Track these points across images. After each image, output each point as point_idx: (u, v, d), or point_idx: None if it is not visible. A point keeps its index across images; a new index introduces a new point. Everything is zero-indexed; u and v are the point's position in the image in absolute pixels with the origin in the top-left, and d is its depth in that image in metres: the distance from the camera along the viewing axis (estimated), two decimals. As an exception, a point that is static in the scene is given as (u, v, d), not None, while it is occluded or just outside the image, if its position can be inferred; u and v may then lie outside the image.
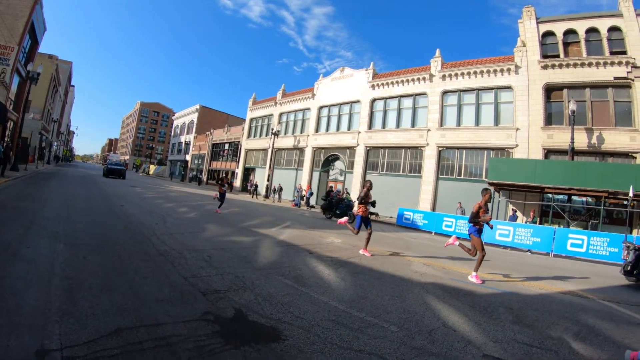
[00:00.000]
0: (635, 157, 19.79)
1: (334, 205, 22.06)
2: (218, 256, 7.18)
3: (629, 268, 9.94)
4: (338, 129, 35.69)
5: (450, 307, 5.63)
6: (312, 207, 31.59)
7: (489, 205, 8.85)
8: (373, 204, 10.50)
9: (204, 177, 59.74)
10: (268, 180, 39.51)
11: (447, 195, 25.51)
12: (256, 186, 38.91)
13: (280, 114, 43.75)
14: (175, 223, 11.05)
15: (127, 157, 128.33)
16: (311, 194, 32.33)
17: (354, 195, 27.02)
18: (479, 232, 8.30)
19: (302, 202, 31.56)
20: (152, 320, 3.66)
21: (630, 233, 18.06)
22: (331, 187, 27.55)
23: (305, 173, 37.60)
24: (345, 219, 10.52)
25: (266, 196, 37.75)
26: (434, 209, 25.73)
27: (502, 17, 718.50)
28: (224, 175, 17.81)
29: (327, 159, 36.52)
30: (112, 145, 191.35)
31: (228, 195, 17.97)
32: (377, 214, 24.44)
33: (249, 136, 49.17)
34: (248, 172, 47.95)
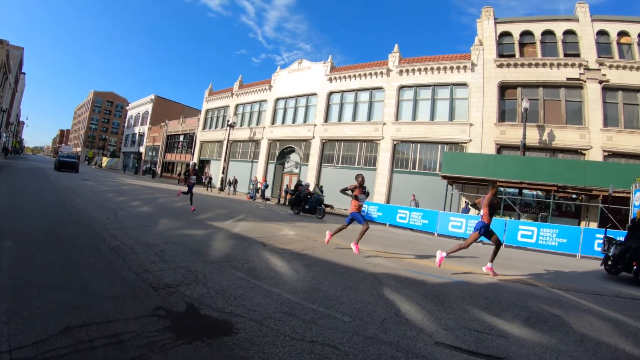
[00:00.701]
0: (585, 154, 20.92)
1: (303, 200, 21.19)
2: (170, 250, 7.05)
3: (609, 262, 10.35)
4: (294, 121, 35.65)
5: (403, 297, 5.73)
6: (268, 199, 31.57)
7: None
8: (367, 193, 10.37)
9: (158, 170, 58.31)
10: (223, 172, 39.14)
11: (402, 188, 26.04)
12: (210, 178, 38.52)
13: (237, 106, 43.22)
14: (127, 217, 10.74)
15: (79, 149, 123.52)
16: (266, 186, 32.14)
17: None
18: (486, 229, 8.16)
19: (258, 195, 31.35)
20: (102, 318, 3.56)
21: (579, 225, 19.02)
22: (300, 180, 27.10)
23: (260, 165, 37.40)
24: (355, 245, 9.78)
25: (221, 189, 37.45)
26: (388, 201, 26.20)
27: (462, 16, 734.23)
28: (191, 167, 17.34)
29: (282, 152, 36.42)
30: (63, 136, 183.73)
31: (181, 189, 17.67)
32: (332, 206, 24.54)
33: (204, 128, 48.42)
34: (203, 164, 47.06)
